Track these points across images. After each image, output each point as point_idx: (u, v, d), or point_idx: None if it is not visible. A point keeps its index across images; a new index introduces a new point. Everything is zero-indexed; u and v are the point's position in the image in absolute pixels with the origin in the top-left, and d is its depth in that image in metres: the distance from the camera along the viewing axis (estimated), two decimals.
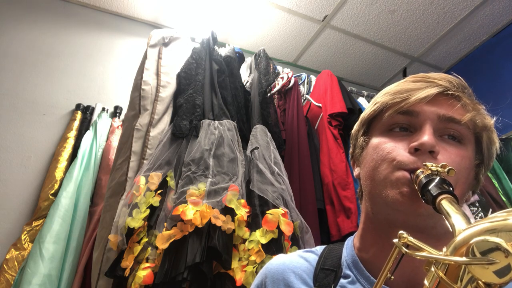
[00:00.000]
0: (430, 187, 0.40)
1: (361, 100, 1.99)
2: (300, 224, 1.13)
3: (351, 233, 1.36)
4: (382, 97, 0.55)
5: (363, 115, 0.59)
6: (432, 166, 0.43)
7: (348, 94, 1.78)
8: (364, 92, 2.09)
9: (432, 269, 0.31)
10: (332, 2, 2.00)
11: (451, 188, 0.40)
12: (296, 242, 1.10)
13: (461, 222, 0.33)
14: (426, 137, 0.47)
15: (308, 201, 1.35)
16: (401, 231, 0.33)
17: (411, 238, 0.33)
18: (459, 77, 0.54)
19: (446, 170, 0.42)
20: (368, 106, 0.59)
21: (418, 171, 0.45)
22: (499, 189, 1.75)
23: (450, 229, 0.33)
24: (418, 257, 0.32)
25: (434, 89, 0.51)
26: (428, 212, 0.44)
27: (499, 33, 2.25)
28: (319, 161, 1.57)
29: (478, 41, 2.34)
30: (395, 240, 0.34)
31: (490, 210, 1.63)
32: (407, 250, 0.33)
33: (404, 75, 2.57)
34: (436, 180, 0.41)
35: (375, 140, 0.54)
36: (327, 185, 1.49)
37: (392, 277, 0.36)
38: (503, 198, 1.70)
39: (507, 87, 2.13)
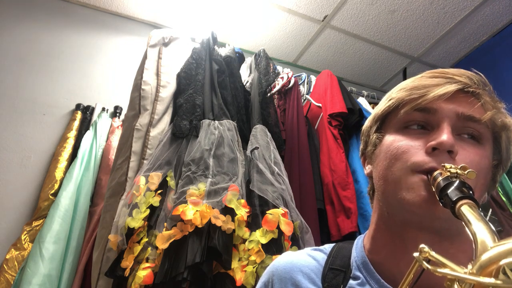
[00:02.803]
0: (449, 191, 0.38)
1: (361, 100, 1.98)
2: (300, 224, 1.12)
3: (351, 233, 1.36)
4: (397, 92, 0.53)
5: (376, 111, 0.56)
6: (451, 168, 0.41)
7: (348, 94, 1.78)
8: (364, 92, 2.09)
9: (456, 287, 0.29)
10: (332, 2, 2.00)
11: (471, 192, 0.38)
12: (296, 242, 1.10)
13: (483, 232, 0.31)
14: (445, 136, 0.45)
15: (308, 201, 1.35)
16: (422, 245, 0.31)
17: (433, 253, 0.31)
18: (480, 73, 0.52)
19: (466, 172, 0.40)
20: (381, 102, 0.56)
21: (436, 172, 0.43)
22: (499, 189, 1.74)
23: (471, 237, 0.32)
24: (440, 274, 0.29)
25: (454, 85, 0.49)
26: (446, 216, 0.41)
27: (499, 33, 2.25)
28: (319, 161, 1.57)
29: (478, 41, 2.33)
30: (416, 254, 0.32)
31: (490, 210, 1.62)
32: (428, 266, 0.30)
33: (404, 75, 2.57)
34: (456, 184, 0.38)
35: (389, 138, 0.52)
36: (327, 185, 1.49)
37: None
38: (503, 198, 1.70)
39: (507, 87, 2.13)
